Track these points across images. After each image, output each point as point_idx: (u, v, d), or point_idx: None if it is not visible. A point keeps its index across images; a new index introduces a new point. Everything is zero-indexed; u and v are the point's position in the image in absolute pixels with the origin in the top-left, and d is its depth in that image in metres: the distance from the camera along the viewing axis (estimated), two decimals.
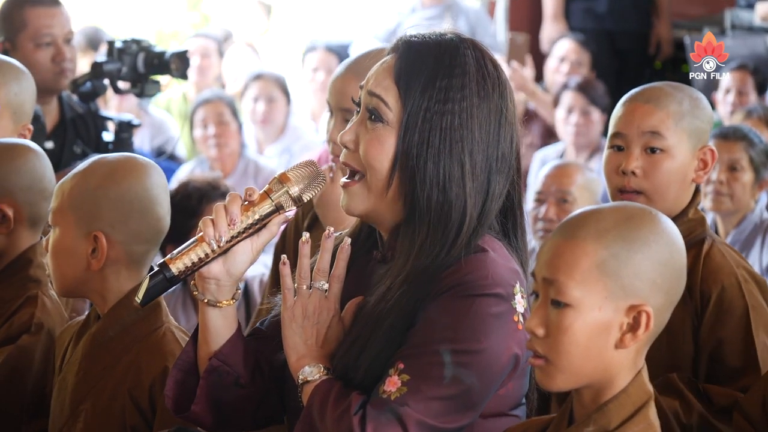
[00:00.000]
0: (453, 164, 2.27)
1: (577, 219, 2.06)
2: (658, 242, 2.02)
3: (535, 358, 2.05)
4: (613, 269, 2.00)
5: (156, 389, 2.67)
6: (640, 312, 2.01)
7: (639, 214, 2.06)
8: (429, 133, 2.27)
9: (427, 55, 2.30)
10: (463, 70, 2.29)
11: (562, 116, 6.66)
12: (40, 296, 3.00)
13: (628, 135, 2.91)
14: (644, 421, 2.03)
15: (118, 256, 2.73)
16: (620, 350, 2.02)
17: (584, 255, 2.01)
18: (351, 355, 2.27)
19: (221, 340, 2.37)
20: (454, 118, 2.27)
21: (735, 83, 6.43)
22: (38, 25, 4.47)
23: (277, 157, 7.33)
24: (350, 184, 2.32)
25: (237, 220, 2.31)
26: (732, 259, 2.91)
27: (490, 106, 2.30)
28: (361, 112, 2.34)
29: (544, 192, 4.72)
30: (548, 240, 2.06)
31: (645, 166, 2.89)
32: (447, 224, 2.26)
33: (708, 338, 2.86)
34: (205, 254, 2.31)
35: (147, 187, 2.73)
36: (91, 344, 2.75)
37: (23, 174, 3.02)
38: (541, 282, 2.04)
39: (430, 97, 2.27)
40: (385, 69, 2.33)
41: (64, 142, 4.55)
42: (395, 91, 2.29)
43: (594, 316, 2.00)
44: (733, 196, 4.65)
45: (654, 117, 2.88)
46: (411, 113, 2.28)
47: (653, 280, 2.01)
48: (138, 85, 4.46)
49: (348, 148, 2.33)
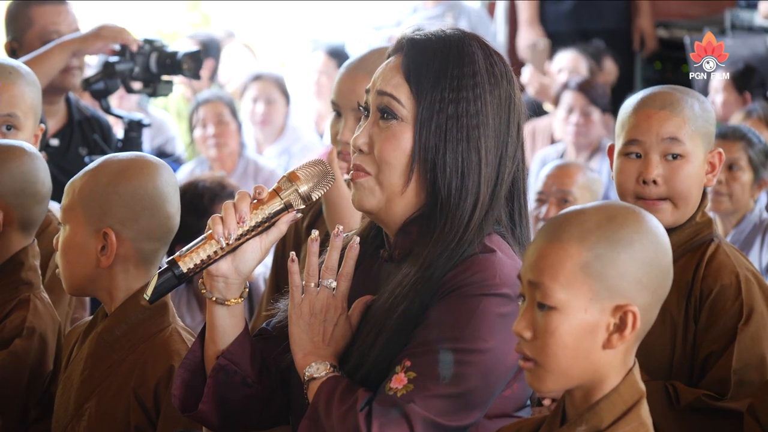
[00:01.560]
0: (470, 151, 2.29)
1: (560, 220, 2.05)
2: (642, 241, 2.02)
3: (525, 361, 2.05)
4: (597, 270, 2.00)
5: (161, 389, 2.67)
6: (627, 312, 2.00)
7: (622, 213, 2.05)
8: (446, 122, 2.28)
9: (434, 50, 2.32)
10: (471, 59, 2.31)
11: (563, 116, 6.67)
12: (32, 299, 2.99)
13: (646, 142, 2.89)
14: (636, 419, 2.03)
15: (128, 254, 2.73)
16: (608, 351, 2.02)
17: (568, 257, 2.00)
18: (365, 346, 2.28)
19: (228, 339, 2.37)
20: (469, 105, 2.29)
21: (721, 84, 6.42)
22: (45, 23, 4.47)
23: (277, 157, 7.33)
24: (359, 176, 2.32)
25: (246, 218, 2.32)
26: (736, 259, 2.91)
27: (500, 93, 2.32)
28: (372, 114, 2.34)
29: (545, 192, 4.72)
30: (533, 242, 2.06)
31: (666, 173, 2.88)
32: (462, 211, 2.27)
33: (702, 337, 2.86)
34: (214, 252, 2.32)
35: (157, 185, 2.73)
36: (97, 343, 2.75)
37: (15, 177, 3.01)
38: (527, 285, 2.04)
39: (443, 88, 2.29)
40: (392, 68, 2.34)
41: (70, 143, 4.55)
42: (406, 87, 2.30)
43: (580, 318, 2.00)
44: (732, 195, 4.65)
45: (671, 123, 2.87)
46: (426, 106, 2.29)
47: (638, 279, 2.01)
48: (151, 85, 4.46)
49: (362, 151, 2.33)
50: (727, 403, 2.79)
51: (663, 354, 2.87)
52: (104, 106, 4.55)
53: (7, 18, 4.58)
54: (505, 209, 2.35)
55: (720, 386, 2.81)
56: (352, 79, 3.22)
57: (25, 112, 3.45)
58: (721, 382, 2.81)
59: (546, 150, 6.83)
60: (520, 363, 2.06)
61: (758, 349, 2.83)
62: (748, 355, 2.82)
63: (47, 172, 3.09)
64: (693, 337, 2.87)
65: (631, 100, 2.96)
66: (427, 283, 2.25)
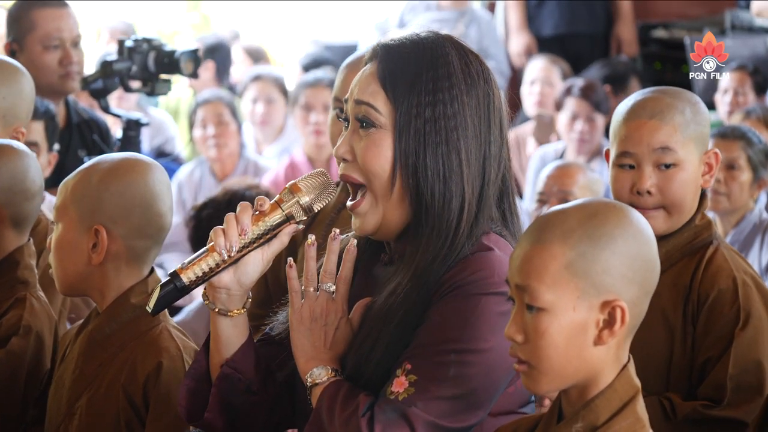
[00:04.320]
0: (450, 154, 2.28)
1: (542, 222, 2.06)
2: (624, 236, 2.02)
3: (519, 363, 2.05)
4: (582, 269, 2.00)
5: (150, 385, 2.68)
6: (615, 307, 2.01)
7: (603, 210, 2.05)
8: (424, 126, 2.28)
9: (408, 54, 2.31)
10: (446, 60, 2.30)
11: (565, 121, 6.66)
12: (28, 298, 2.99)
13: (638, 153, 2.87)
14: (632, 415, 2.03)
15: (119, 252, 2.73)
16: (600, 347, 2.02)
17: (552, 258, 2.01)
18: (362, 353, 2.28)
19: (233, 348, 2.37)
20: (446, 107, 2.28)
21: (733, 84, 6.43)
22: (47, 27, 4.46)
23: (276, 157, 7.33)
24: (357, 205, 2.33)
25: (248, 230, 2.32)
26: (734, 262, 2.89)
27: (478, 93, 2.31)
28: (351, 124, 2.34)
29: (546, 192, 4.72)
30: (517, 246, 2.07)
31: (659, 183, 2.86)
32: (449, 214, 2.27)
33: (700, 342, 2.85)
34: (216, 264, 2.32)
35: (149, 183, 2.74)
36: (88, 341, 2.76)
37: (3, 174, 3.01)
38: (515, 289, 2.05)
39: (419, 91, 2.28)
40: (368, 76, 2.33)
41: (69, 146, 4.56)
42: (383, 94, 2.30)
43: (569, 317, 2.01)
44: (731, 195, 4.64)
45: (661, 132, 2.85)
46: (403, 111, 2.28)
47: (623, 274, 2.01)
48: (149, 84, 4.46)
49: (346, 160, 2.33)
50: (724, 411, 2.79)
51: (661, 359, 2.87)
52: (103, 105, 4.55)
53: (9, 19, 4.58)
54: (497, 208, 2.34)
55: (717, 392, 2.81)
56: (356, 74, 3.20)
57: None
58: (718, 387, 2.81)
59: (545, 149, 6.83)
60: (515, 366, 2.07)
61: (755, 354, 2.82)
62: (745, 360, 2.81)
63: (38, 170, 3.09)
64: (691, 342, 2.86)
65: (623, 106, 2.93)
66: (422, 288, 2.25)
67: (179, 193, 7.04)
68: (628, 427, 2.02)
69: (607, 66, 7.53)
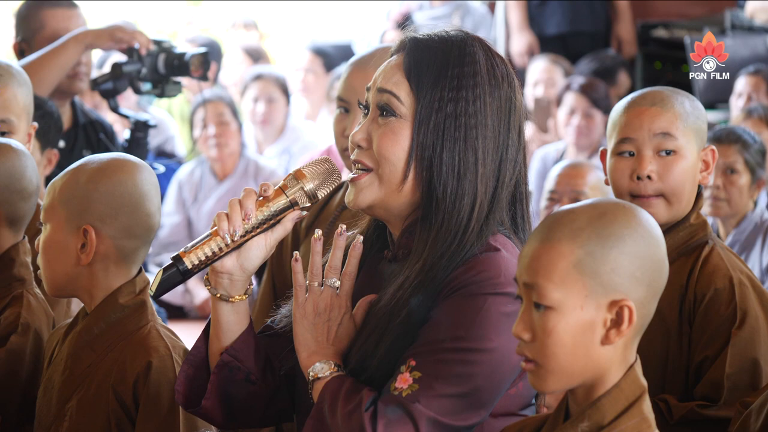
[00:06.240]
0: (467, 151, 2.29)
1: (551, 221, 2.06)
2: (632, 236, 2.02)
3: (526, 362, 2.05)
4: (590, 268, 2.00)
5: (139, 385, 2.67)
6: (622, 307, 2.01)
7: (612, 209, 2.05)
8: (444, 121, 2.29)
9: (435, 49, 2.33)
10: (472, 59, 2.31)
11: (564, 117, 6.68)
12: (25, 295, 2.98)
13: (638, 139, 2.89)
14: (638, 415, 2.04)
15: (108, 252, 2.73)
16: (607, 346, 2.02)
17: (560, 257, 2.01)
18: (367, 348, 2.28)
19: (233, 335, 2.37)
20: (468, 104, 2.29)
21: (748, 88, 6.39)
22: (56, 27, 4.47)
23: (277, 157, 7.34)
24: (358, 178, 2.33)
25: (252, 215, 2.32)
26: (730, 262, 2.90)
27: (501, 95, 2.32)
28: (371, 111, 2.35)
29: (558, 191, 4.73)
30: (526, 244, 2.07)
31: (659, 169, 2.88)
32: (460, 212, 2.27)
33: (696, 342, 2.85)
34: (219, 248, 2.32)
35: (137, 183, 2.73)
36: (77, 342, 2.75)
37: (0, 173, 3.01)
38: (523, 287, 2.05)
39: (443, 86, 2.30)
40: (393, 66, 2.34)
41: (74, 146, 4.56)
42: (406, 85, 2.31)
43: (577, 316, 2.01)
44: (731, 200, 4.64)
45: (663, 118, 2.88)
46: (425, 104, 2.30)
47: (632, 273, 2.02)
48: (159, 86, 4.46)
49: (360, 147, 2.34)
50: (721, 411, 2.79)
51: (657, 358, 2.87)
52: (112, 105, 4.55)
53: (18, 18, 4.60)
54: (508, 212, 2.35)
55: (714, 391, 2.81)
56: (362, 74, 3.20)
57: (18, 115, 3.45)
58: (714, 386, 2.81)
59: (546, 148, 6.85)
60: (522, 365, 2.07)
61: (752, 353, 2.83)
62: (742, 360, 2.81)
63: (35, 170, 3.08)
64: (688, 341, 2.87)
65: (622, 101, 2.96)
66: (429, 286, 2.25)
67: (179, 192, 7.05)
68: (634, 427, 2.03)
69: (595, 60, 7.57)
